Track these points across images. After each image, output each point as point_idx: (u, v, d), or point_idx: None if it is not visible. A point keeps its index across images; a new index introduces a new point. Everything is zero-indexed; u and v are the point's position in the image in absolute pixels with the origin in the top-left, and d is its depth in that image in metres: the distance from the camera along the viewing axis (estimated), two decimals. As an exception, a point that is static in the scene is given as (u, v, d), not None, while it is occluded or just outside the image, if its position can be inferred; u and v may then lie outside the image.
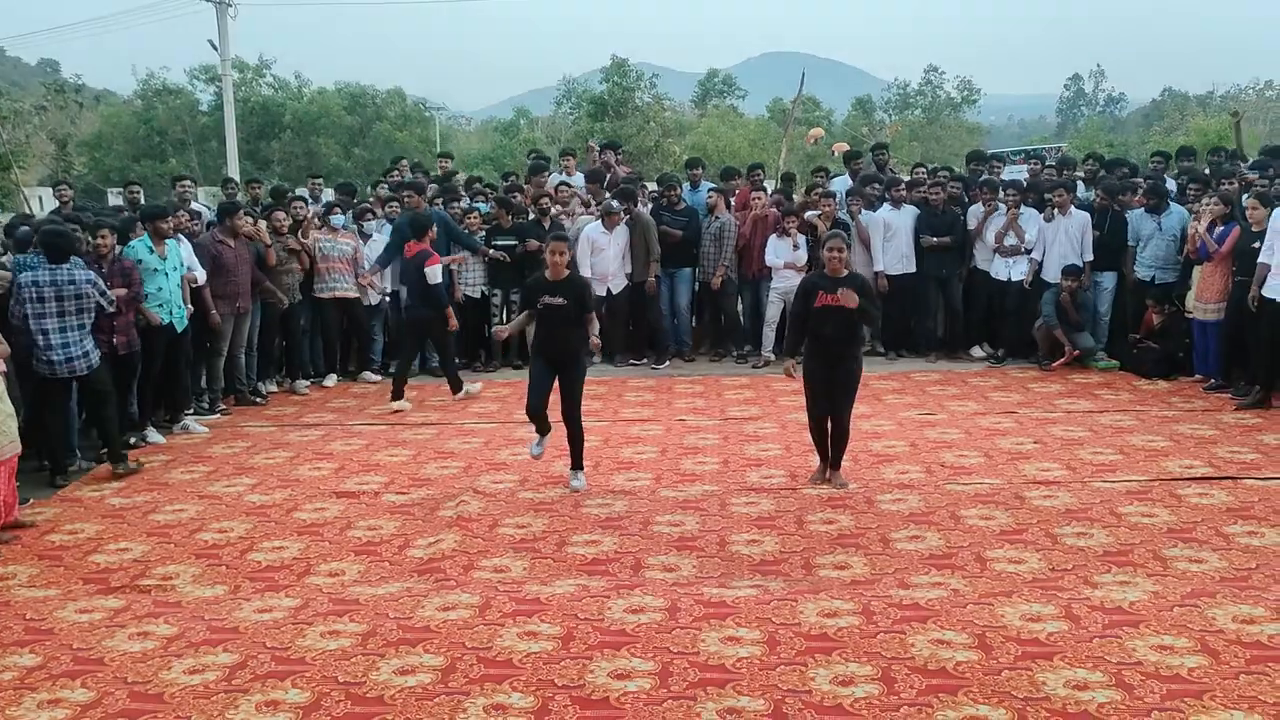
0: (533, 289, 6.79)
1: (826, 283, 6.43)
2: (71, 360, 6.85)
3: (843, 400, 6.51)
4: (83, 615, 4.82)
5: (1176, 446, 7.29)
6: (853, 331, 6.50)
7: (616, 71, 38.04)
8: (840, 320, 6.36)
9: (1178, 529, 5.64)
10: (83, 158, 37.99)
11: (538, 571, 5.34)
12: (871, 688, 3.87)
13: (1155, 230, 9.90)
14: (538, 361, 6.83)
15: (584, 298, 6.68)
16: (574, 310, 6.61)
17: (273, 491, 6.80)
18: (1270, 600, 4.58)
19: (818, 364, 6.55)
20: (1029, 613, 4.49)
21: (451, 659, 4.19)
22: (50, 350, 6.77)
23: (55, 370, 6.84)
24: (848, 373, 6.49)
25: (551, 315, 6.63)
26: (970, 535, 5.65)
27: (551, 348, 6.70)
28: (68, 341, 6.83)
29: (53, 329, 6.77)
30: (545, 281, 6.70)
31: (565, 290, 6.62)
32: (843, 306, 6.26)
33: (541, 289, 6.67)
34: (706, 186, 11.73)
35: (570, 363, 6.71)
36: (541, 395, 6.74)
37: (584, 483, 6.73)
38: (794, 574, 5.23)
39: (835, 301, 6.28)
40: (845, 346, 6.48)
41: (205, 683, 4.06)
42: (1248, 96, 51.90)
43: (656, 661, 4.13)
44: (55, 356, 6.79)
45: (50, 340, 6.77)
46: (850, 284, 6.34)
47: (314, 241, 9.95)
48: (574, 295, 6.62)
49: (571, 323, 6.65)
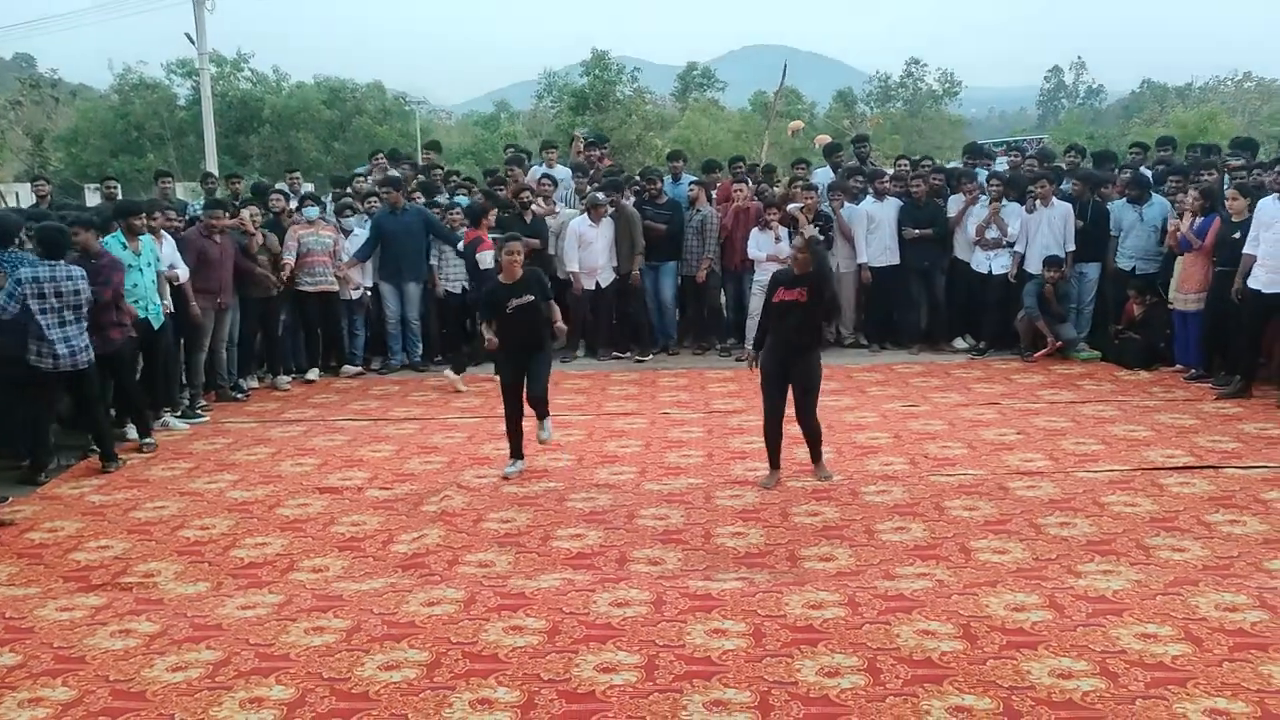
0: (495, 297, 6.79)
1: (787, 278, 6.43)
2: (75, 354, 6.90)
3: (804, 399, 6.47)
4: (63, 613, 4.77)
5: (1158, 436, 7.33)
6: (810, 328, 6.47)
7: (597, 65, 37.98)
8: (797, 315, 6.35)
9: (1160, 518, 5.67)
10: (59, 153, 37.65)
11: (522, 566, 5.32)
12: (857, 678, 3.88)
13: (1137, 221, 9.96)
14: (509, 367, 6.86)
15: (544, 288, 6.81)
16: (540, 304, 6.72)
17: (255, 488, 6.76)
18: (1252, 588, 4.61)
19: (774, 359, 6.55)
20: (1013, 602, 4.50)
21: (436, 654, 4.17)
22: (53, 345, 6.79)
23: (59, 365, 6.84)
24: (805, 370, 6.44)
25: (520, 315, 6.69)
26: (954, 526, 5.67)
27: (519, 345, 6.76)
28: (68, 336, 6.87)
29: (53, 324, 6.79)
30: (504, 286, 6.74)
31: (526, 288, 6.69)
32: (799, 302, 6.27)
33: (505, 294, 6.71)
34: (688, 179, 11.72)
35: (538, 349, 6.80)
36: (515, 401, 6.81)
37: (550, 432, 6.96)
38: (779, 566, 5.23)
39: (792, 297, 6.29)
40: (802, 341, 6.44)
41: (188, 680, 4.03)
42: (1226, 89, 52.30)
43: (642, 654, 4.12)
44: (60, 350, 6.81)
45: (52, 335, 6.78)
46: (808, 279, 6.32)
47: (296, 236, 9.89)
48: (536, 289, 6.72)
49: (537, 316, 6.72)
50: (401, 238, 10.42)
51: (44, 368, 6.82)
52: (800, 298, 6.29)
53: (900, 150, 30.60)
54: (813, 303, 6.32)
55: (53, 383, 6.99)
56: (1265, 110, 45.26)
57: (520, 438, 6.90)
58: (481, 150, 37.64)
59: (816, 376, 6.51)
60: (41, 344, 6.78)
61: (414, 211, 10.58)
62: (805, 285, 6.30)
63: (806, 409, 6.49)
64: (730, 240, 10.90)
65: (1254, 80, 52.34)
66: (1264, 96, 49.21)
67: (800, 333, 6.42)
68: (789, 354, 6.46)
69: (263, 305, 9.69)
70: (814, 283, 6.33)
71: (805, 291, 6.29)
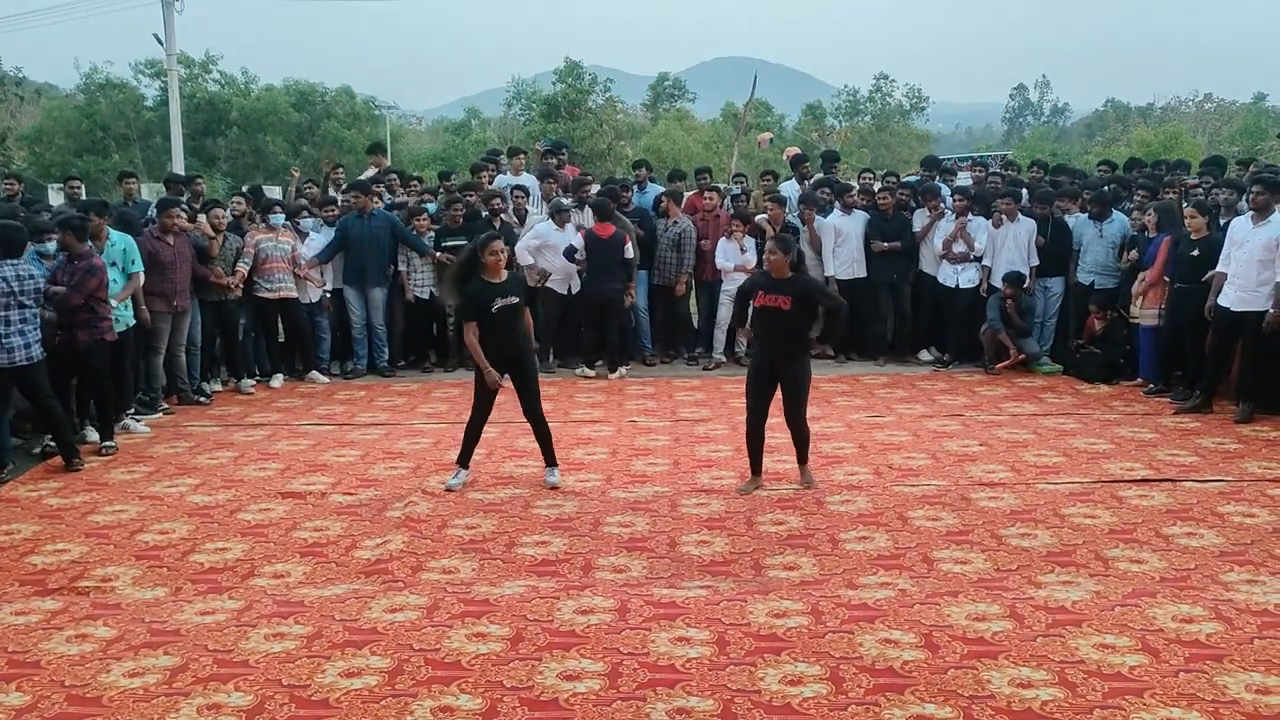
0: (481, 295, 6.48)
1: (767, 282, 6.45)
2: (29, 348, 6.90)
3: (792, 401, 6.51)
4: (19, 617, 4.69)
5: (1118, 449, 7.43)
6: (796, 332, 6.46)
7: (570, 73, 37.98)
8: (781, 321, 6.37)
9: (1119, 530, 5.74)
10: (23, 152, 37.11)
11: (487, 572, 5.30)
12: (820, 687, 3.89)
13: (1096, 236, 10.12)
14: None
15: (527, 289, 6.69)
16: (523, 306, 6.64)
17: (216, 492, 6.69)
18: (1208, 600, 4.68)
19: (760, 363, 6.58)
20: (974, 612, 4.54)
21: (398, 661, 4.14)
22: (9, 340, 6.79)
23: (14, 360, 6.82)
24: (794, 374, 6.47)
25: (505, 316, 6.52)
26: (917, 536, 5.71)
27: (505, 350, 6.59)
28: (24, 330, 6.86)
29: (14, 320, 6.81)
30: (490, 284, 6.50)
31: (512, 288, 6.60)
32: (779, 307, 6.29)
33: (491, 292, 6.48)
34: (654, 189, 11.74)
35: (524, 360, 6.69)
36: (484, 412, 6.69)
37: (559, 478, 6.74)
38: (744, 574, 5.24)
39: (773, 301, 6.31)
40: (789, 346, 6.45)
41: (145, 686, 3.98)
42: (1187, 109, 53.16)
43: (606, 662, 4.11)
44: (15, 343, 6.81)
45: (9, 330, 6.79)
46: (792, 287, 6.34)
47: (254, 242, 9.80)
48: (520, 290, 6.65)
49: (520, 319, 6.63)
50: (366, 243, 10.36)
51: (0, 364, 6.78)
52: (783, 305, 6.30)
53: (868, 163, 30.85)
54: (796, 309, 6.32)
55: (5, 380, 6.91)
56: (1226, 130, 46.02)
57: (474, 445, 6.78)
58: (452, 156, 37.48)
59: (806, 380, 6.54)
60: None
61: (380, 217, 10.53)
62: (788, 293, 6.30)
63: (795, 411, 6.52)
64: (701, 251, 10.93)
65: (1214, 101, 53.26)
66: (1224, 117, 50.07)
67: (787, 339, 6.44)
68: (775, 359, 6.48)
69: (218, 309, 9.59)
70: (804, 294, 6.36)
71: (789, 299, 6.29)
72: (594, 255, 10.27)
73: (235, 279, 9.54)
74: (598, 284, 10.30)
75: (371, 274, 10.45)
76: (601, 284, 10.29)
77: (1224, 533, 5.66)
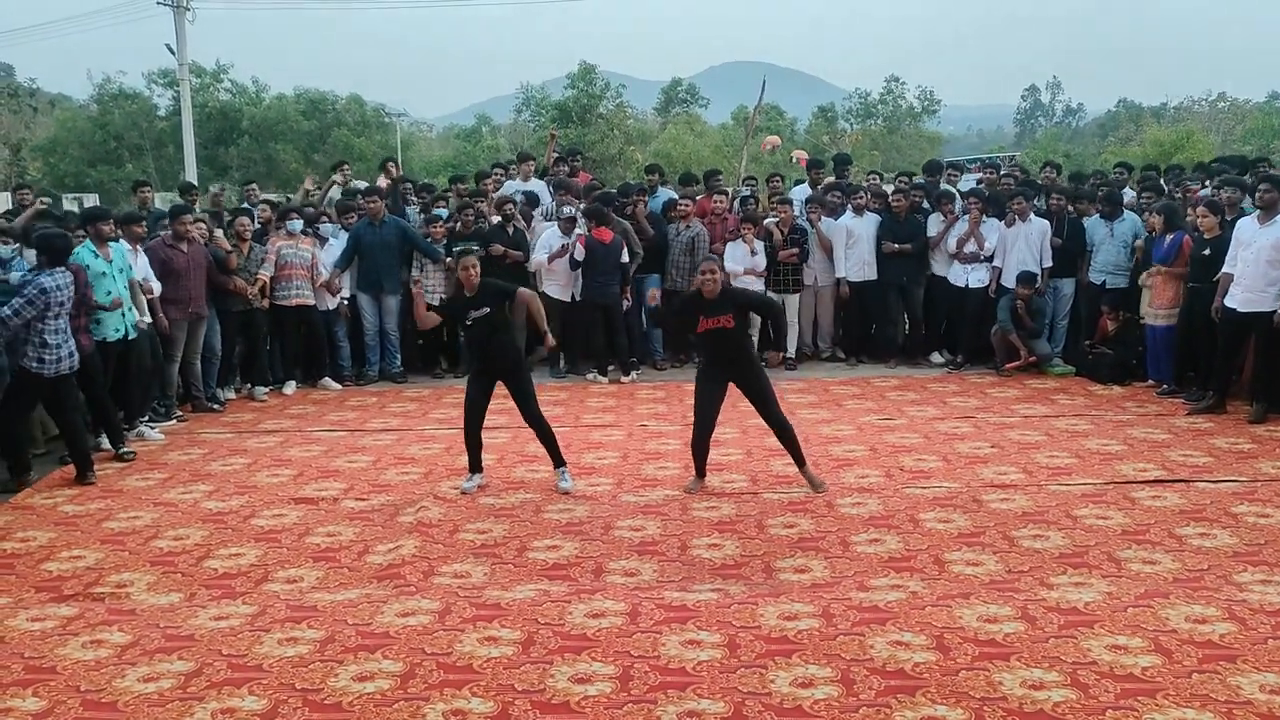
0: (453, 307, 6.84)
1: (703, 305, 6.46)
2: (72, 357, 7.06)
3: (765, 403, 6.55)
4: (35, 624, 4.73)
5: (1130, 450, 7.40)
6: (740, 344, 6.61)
7: (583, 78, 38.05)
8: (724, 339, 6.47)
9: (1132, 531, 5.72)
10: (37, 162, 37.40)
11: (498, 577, 5.32)
12: (831, 689, 3.90)
13: (1108, 236, 10.08)
14: (478, 381, 6.80)
15: (504, 295, 6.70)
16: (498, 314, 6.64)
17: (230, 498, 6.73)
18: (1221, 600, 4.66)
19: (709, 380, 6.64)
20: (986, 614, 4.53)
21: (411, 665, 4.16)
22: (57, 350, 6.92)
23: (60, 369, 6.95)
24: (754, 377, 6.56)
25: (480, 327, 6.64)
26: (929, 538, 5.70)
27: (489, 361, 6.70)
28: (67, 339, 7.04)
29: (61, 329, 6.96)
30: (464, 297, 6.68)
31: (486, 299, 6.61)
32: (724, 327, 6.39)
33: (465, 304, 6.66)
34: (665, 194, 11.74)
35: (513, 370, 6.72)
36: (475, 418, 6.75)
37: (570, 481, 6.77)
38: (754, 577, 5.25)
39: (716, 323, 6.40)
40: (737, 357, 6.57)
41: (160, 691, 4.01)
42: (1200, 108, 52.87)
43: (617, 665, 4.12)
44: (63, 354, 6.96)
45: (57, 340, 6.92)
46: (730, 303, 6.43)
47: (275, 249, 9.85)
48: (493, 300, 6.63)
49: (500, 328, 6.66)
50: (378, 250, 10.41)
51: (47, 374, 6.89)
52: (728, 324, 6.40)
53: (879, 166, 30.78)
54: (739, 324, 6.45)
55: (45, 389, 7.00)
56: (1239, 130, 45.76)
57: (478, 451, 6.84)
58: (463, 163, 37.58)
59: (765, 378, 6.62)
60: (44, 350, 6.85)
61: (392, 224, 10.58)
62: (728, 310, 6.40)
63: (772, 412, 6.56)
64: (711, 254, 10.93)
65: (1227, 100, 52.93)
66: (1237, 116, 49.76)
67: (736, 353, 6.56)
68: (727, 373, 6.58)
69: (244, 317, 9.64)
70: (742, 307, 6.54)
71: (730, 317, 6.40)
72: (594, 260, 10.26)
73: (255, 287, 9.57)
74: (599, 289, 10.31)
75: (385, 280, 10.49)
76: (603, 288, 10.30)
77: (1238, 533, 5.64)
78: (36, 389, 6.94)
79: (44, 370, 6.86)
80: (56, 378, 6.96)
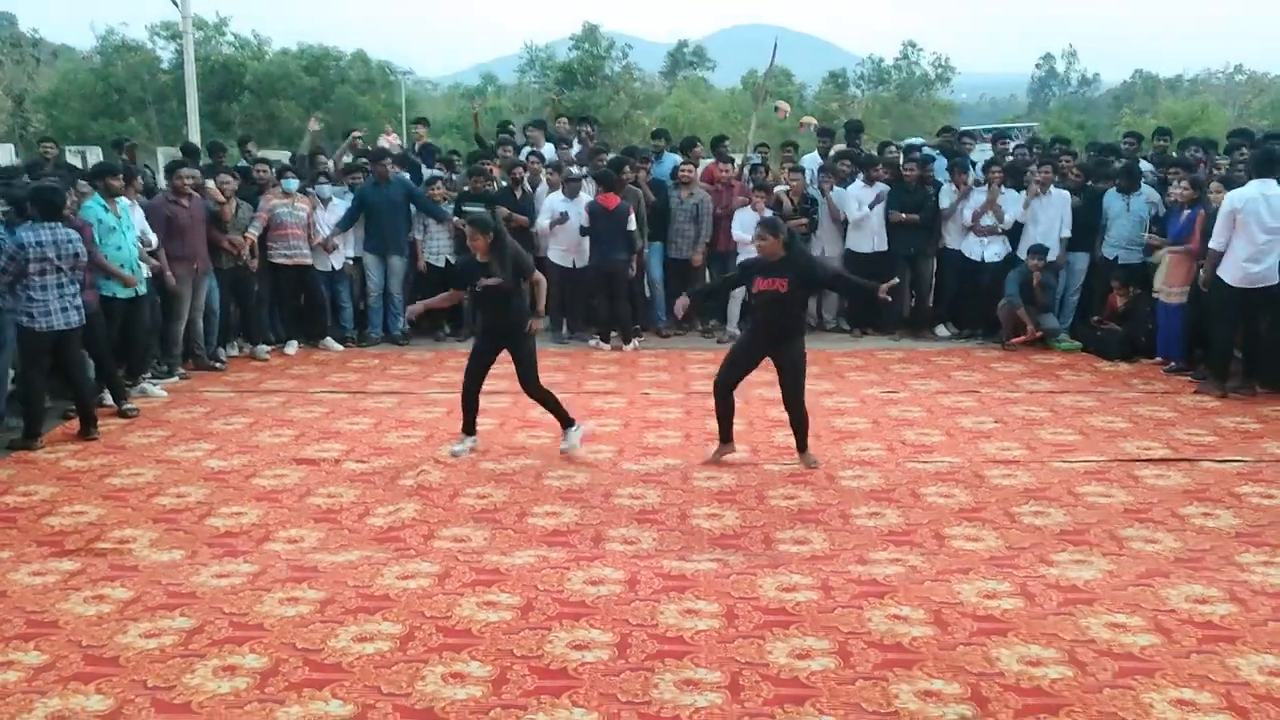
0: (467, 270, 6.79)
1: (763, 266, 6.40)
2: (67, 312, 6.90)
3: (791, 384, 6.46)
4: (36, 578, 4.75)
5: (1135, 428, 7.38)
6: (794, 314, 6.49)
7: (588, 38, 37.72)
8: (779, 305, 6.34)
9: (1134, 509, 5.71)
10: (39, 114, 37.18)
11: (498, 542, 5.32)
12: (828, 661, 3.91)
13: (1123, 210, 9.98)
14: (483, 340, 6.84)
15: (520, 272, 6.64)
16: (511, 284, 6.59)
17: (231, 457, 6.73)
18: (1222, 581, 4.66)
19: (753, 340, 6.58)
20: (985, 590, 4.54)
21: (410, 627, 4.18)
22: (47, 305, 6.79)
23: (53, 324, 6.83)
24: (791, 357, 6.44)
25: (487, 294, 6.63)
26: (929, 513, 5.70)
27: (494, 325, 6.75)
28: (63, 295, 6.87)
29: (50, 285, 6.79)
30: (478, 263, 6.64)
31: (497, 269, 6.55)
32: (777, 290, 6.25)
33: (476, 270, 6.64)
34: (671, 160, 11.64)
35: (515, 336, 6.70)
36: (475, 377, 6.76)
37: (577, 441, 6.78)
38: (754, 548, 5.25)
39: (772, 286, 6.28)
40: (785, 330, 6.44)
41: (162, 647, 4.03)
42: (1217, 81, 52.41)
43: (615, 633, 4.13)
44: (53, 308, 6.82)
45: (47, 296, 6.78)
46: (790, 269, 6.30)
47: (269, 207, 9.78)
48: (508, 271, 6.56)
49: (509, 300, 6.62)
50: (385, 210, 10.35)
51: (40, 328, 6.80)
52: (781, 288, 6.27)
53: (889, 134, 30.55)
54: (795, 292, 6.31)
55: (46, 345, 6.92)
56: (1256, 104, 45.38)
57: (474, 414, 6.84)
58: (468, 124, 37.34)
59: (803, 362, 6.50)
60: (33, 305, 6.74)
61: (398, 184, 10.51)
62: (786, 275, 6.27)
63: (794, 396, 6.47)
64: (717, 221, 10.85)
65: (1245, 73, 52.44)
66: (1255, 89, 49.31)
67: (784, 321, 6.42)
68: (770, 342, 6.46)
69: (234, 275, 9.59)
70: (803, 275, 6.35)
71: (786, 282, 6.26)
72: (599, 226, 10.18)
73: (242, 242, 9.47)
74: (604, 255, 10.22)
75: (391, 241, 10.44)
76: (607, 255, 10.21)
77: (1241, 513, 5.63)
78: (37, 344, 6.89)
79: (35, 325, 6.78)
80: (59, 333, 6.89)
